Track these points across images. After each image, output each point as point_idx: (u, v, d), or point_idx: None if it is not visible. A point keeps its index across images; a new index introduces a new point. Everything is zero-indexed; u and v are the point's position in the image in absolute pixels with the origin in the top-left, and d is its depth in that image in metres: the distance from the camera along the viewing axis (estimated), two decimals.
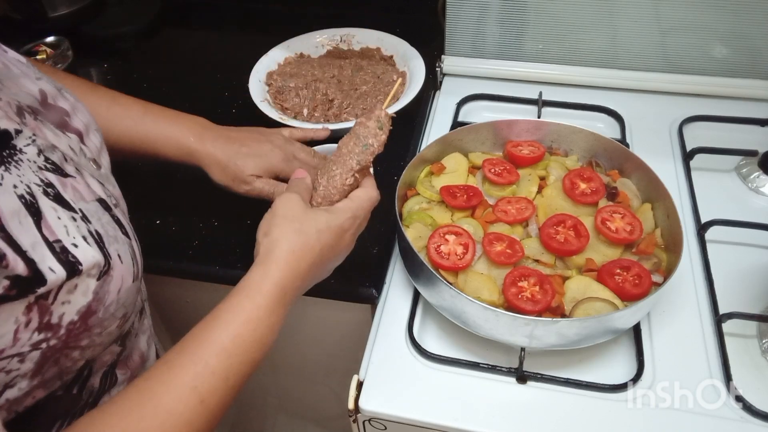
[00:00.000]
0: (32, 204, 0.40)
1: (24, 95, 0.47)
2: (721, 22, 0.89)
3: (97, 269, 0.42)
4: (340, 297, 0.73)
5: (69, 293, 0.41)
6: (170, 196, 0.85)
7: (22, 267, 0.37)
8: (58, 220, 0.41)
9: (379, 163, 0.81)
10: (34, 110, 0.47)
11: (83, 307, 0.42)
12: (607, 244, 0.67)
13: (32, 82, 0.49)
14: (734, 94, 0.94)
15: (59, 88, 0.52)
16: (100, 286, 0.43)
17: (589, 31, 0.94)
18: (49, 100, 0.50)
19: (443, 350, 0.66)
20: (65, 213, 0.43)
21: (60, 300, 0.40)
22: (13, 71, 0.48)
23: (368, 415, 0.62)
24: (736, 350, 0.65)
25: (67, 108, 0.51)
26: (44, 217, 0.41)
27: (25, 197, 0.40)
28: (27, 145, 0.43)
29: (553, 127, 0.79)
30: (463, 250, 0.65)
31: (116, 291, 0.45)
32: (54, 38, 1.08)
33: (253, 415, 1.15)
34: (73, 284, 0.41)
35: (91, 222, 0.44)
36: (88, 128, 0.53)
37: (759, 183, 0.82)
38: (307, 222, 0.55)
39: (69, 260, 0.40)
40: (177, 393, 0.44)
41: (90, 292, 0.42)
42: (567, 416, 0.60)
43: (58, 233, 0.41)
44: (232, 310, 0.50)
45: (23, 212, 0.39)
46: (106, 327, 0.46)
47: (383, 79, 0.95)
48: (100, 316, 0.44)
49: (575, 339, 0.60)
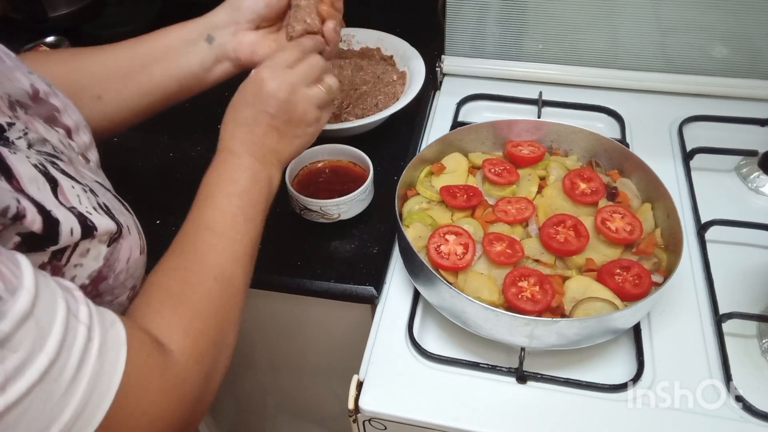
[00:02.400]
0: (47, 172, 0.41)
1: (16, 89, 0.48)
2: (721, 22, 0.89)
3: (108, 236, 0.44)
4: (340, 297, 0.73)
5: (81, 256, 0.42)
6: (170, 196, 0.84)
7: (38, 226, 0.37)
8: (72, 189, 0.43)
9: (379, 163, 0.82)
10: (24, 105, 0.48)
11: (94, 272, 0.43)
12: (607, 244, 0.67)
13: (24, 75, 0.50)
14: (734, 94, 0.94)
15: (50, 85, 0.53)
16: (110, 252, 0.44)
17: (588, 31, 0.94)
18: (41, 96, 0.50)
19: (443, 350, 0.66)
20: (76, 184, 0.44)
21: (72, 262, 0.41)
22: (7, 64, 0.49)
23: (368, 415, 0.62)
24: (736, 350, 0.65)
25: (58, 105, 0.52)
26: (60, 184, 0.42)
27: (38, 166, 0.41)
28: (19, 138, 0.43)
29: (553, 127, 0.79)
30: (463, 250, 0.65)
31: (125, 260, 0.46)
32: (54, 38, 1.08)
33: (253, 415, 1.15)
34: (85, 248, 0.42)
35: (98, 195, 0.46)
36: (78, 126, 0.53)
37: (759, 183, 0.82)
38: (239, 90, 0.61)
39: (87, 224, 0.41)
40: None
41: (101, 258, 0.43)
42: (567, 416, 0.60)
43: (73, 201, 0.42)
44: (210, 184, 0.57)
45: (41, 179, 0.40)
46: (117, 296, 0.47)
47: (383, 79, 0.95)
48: (111, 283, 0.45)
49: (575, 339, 0.60)
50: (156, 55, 0.65)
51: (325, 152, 0.81)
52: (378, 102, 0.91)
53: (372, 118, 0.85)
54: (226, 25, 0.66)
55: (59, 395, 0.34)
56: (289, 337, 0.90)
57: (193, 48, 0.65)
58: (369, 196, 0.78)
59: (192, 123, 0.94)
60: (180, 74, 0.66)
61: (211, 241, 0.53)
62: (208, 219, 0.54)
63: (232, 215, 0.54)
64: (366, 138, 0.87)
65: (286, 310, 0.84)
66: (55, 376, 0.33)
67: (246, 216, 0.55)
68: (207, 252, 0.52)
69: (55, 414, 0.34)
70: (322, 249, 0.77)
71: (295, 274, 0.74)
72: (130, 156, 0.91)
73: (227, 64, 0.67)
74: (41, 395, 0.33)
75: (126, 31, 1.17)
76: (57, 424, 0.34)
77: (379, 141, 0.89)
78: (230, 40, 0.66)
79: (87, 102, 0.61)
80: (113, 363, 0.38)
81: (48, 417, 0.33)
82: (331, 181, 0.79)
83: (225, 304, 0.51)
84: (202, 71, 0.66)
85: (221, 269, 0.52)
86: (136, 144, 0.93)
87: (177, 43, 0.65)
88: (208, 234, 0.53)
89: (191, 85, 0.67)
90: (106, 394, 0.37)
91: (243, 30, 0.66)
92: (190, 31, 0.66)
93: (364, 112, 0.89)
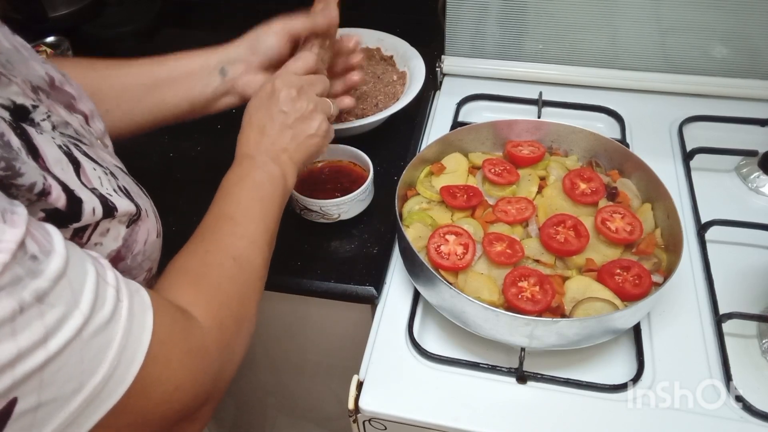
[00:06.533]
0: (70, 153, 0.43)
1: (35, 76, 0.49)
2: (721, 22, 0.89)
3: (128, 217, 0.45)
4: (340, 297, 0.73)
5: (101, 236, 0.43)
6: (170, 196, 0.84)
7: (63, 203, 0.38)
8: (94, 171, 0.44)
9: (380, 163, 0.82)
10: (44, 90, 0.49)
11: (113, 251, 0.44)
12: (607, 244, 0.67)
13: (40, 65, 0.51)
14: (734, 94, 0.94)
15: (64, 74, 0.54)
16: (128, 234, 0.46)
17: (589, 31, 0.94)
18: (57, 84, 0.51)
19: (443, 350, 0.66)
20: (98, 167, 0.45)
21: (93, 241, 0.42)
22: (23, 54, 0.50)
23: (368, 415, 0.62)
24: (736, 350, 0.65)
25: (73, 93, 0.53)
26: (82, 166, 0.43)
27: (62, 147, 0.42)
28: (43, 119, 0.44)
29: (553, 127, 0.79)
30: (463, 250, 0.65)
31: (143, 242, 0.48)
32: (54, 38, 1.08)
33: (253, 415, 1.15)
34: (105, 227, 0.43)
35: (118, 178, 0.47)
36: (93, 113, 0.55)
37: (759, 183, 0.82)
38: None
39: (108, 205, 0.43)
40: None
41: (120, 238, 0.45)
42: (567, 416, 0.60)
43: (95, 183, 0.43)
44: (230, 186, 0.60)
45: (65, 160, 0.41)
46: (134, 277, 0.48)
47: (383, 79, 0.95)
48: (129, 263, 0.47)
49: (575, 339, 0.60)
50: (175, 76, 0.69)
51: (326, 152, 0.81)
52: (378, 102, 0.91)
53: (372, 118, 0.85)
54: (240, 61, 0.70)
55: (93, 353, 0.34)
56: (289, 337, 0.90)
57: (208, 77, 0.70)
58: (369, 196, 0.78)
59: (192, 123, 0.93)
60: (193, 98, 0.70)
61: (230, 228, 0.55)
62: (226, 210, 0.57)
63: (250, 206, 0.57)
64: (366, 138, 0.87)
65: (286, 310, 0.84)
66: (89, 333, 0.34)
67: (263, 207, 0.58)
68: (226, 237, 0.55)
69: (88, 374, 0.34)
70: (322, 249, 0.77)
71: (295, 274, 0.74)
72: (130, 156, 0.91)
73: (233, 98, 0.72)
74: (76, 352, 0.33)
75: (126, 31, 1.17)
76: (90, 384, 0.34)
77: (379, 141, 0.89)
78: (241, 77, 0.70)
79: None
80: (141, 325, 0.39)
81: (82, 375, 0.34)
82: (331, 181, 0.79)
83: (244, 283, 0.53)
84: (213, 99, 0.71)
85: (240, 251, 0.54)
86: (136, 144, 0.93)
87: (197, 69, 0.70)
88: (227, 222, 0.56)
89: (199, 110, 0.72)
90: (135, 354, 0.37)
91: (254, 69, 0.70)
92: (210, 59, 0.70)
93: (364, 112, 0.89)
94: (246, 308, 0.53)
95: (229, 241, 0.54)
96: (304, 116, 0.64)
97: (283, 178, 0.62)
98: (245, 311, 0.53)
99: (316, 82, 0.66)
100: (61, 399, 0.33)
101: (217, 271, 0.52)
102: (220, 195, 0.59)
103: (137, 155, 0.92)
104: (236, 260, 0.53)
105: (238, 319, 0.51)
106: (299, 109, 0.63)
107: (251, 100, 0.65)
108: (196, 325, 0.46)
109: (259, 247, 0.56)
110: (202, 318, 0.47)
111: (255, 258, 0.55)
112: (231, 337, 0.49)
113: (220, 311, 0.49)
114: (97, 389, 0.35)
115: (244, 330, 0.52)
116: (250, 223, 0.56)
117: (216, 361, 0.47)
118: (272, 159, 0.61)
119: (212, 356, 0.46)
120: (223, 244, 0.54)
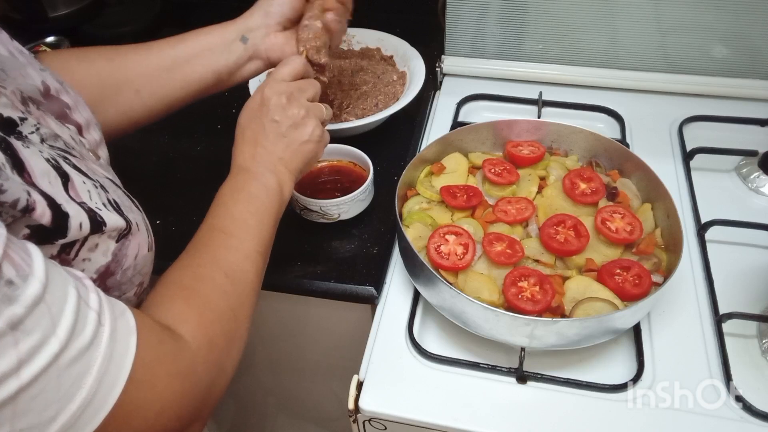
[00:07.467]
0: (59, 167, 0.42)
1: (28, 86, 0.48)
2: (721, 22, 0.89)
3: (117, 232, 0.45)
4: (340, 297, 0.73)
5: (90, 251, 0.43)
6: (170, 196, 0.85)
7: (47, 219, 0.38)
8: (83, 184, 0.44)
9: (380, 163, 0.82)
10: (36, 101, 0.49)
11: (102, 267, 0.44)
12: (607, 244, 0.67)
13: (37, 72, 0.51)
14: (734, 94, 0.94)
15: (61, 82, 0.53)
16: (118, 248, 0.45)
17: (589, 31, 0.94)
18: (52, 92, 0.51)
19: (443, 350, 0.66)
20: (87, 180, 0.45)
21: (81, 257, 0.42)
22: (20, 60, 0.49)
23: (368, 415, 0.62)
24: (736, 350, 0.65)
25: (69, 102, 0.53)
26: (71, 179, 0.43)
27: (50, 161, 0.42)
28: (31, 132, 0.44)
29: (553, 127, 0.79)
30: (463, 250, 0.65)
31: (133, 256, 0.47)
32: (54, 38, 1.08)
33: (253, 415, 1.15)
34: (94, 243, 0.43)
35: (109, 192, 0.47)
36: (89, 123, 0.55)
37: (759, 183, 0.82)
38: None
39: (96, 219, 0.42)
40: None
41: (109, 253, 0.44)
42: (567, 416, 0.60)
43: (83, 196, 0.43)
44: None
45: (53, 174, 0.41)
46: (124, 291, 0.47)
47: (383, 79, 0.95)
48: (118, 279, 0.46)
49: (575, 339, 0.60)
50: (198, 51, 0.70)
51: (325, 152, 0.80)
52: (378, 102, 0.91)
53: (372, 118, 0.85)
54: (259, 27, 0.71)
55: (70, 381, 0.34)
56: (289, 337, 0.90)
57: (230, 47, 0.70)
58: (369, 196, 0.78)
59: (192, 123, 0.94)
60: (218, 70, 0.71)
61: (223, 241, 0.54)
62: (220, 222, 0.56)
63: (244, 219, 0.57)
64: (366, 138, 0.87)
65: (286, 310, 0.84)
66: (66, 360, 0.34)
67: (258, 220, 0.57)
68: (218, 251, 0.54)
69: (65, 400, 0.34)
70: (322, 249, 0.77)
71: (295, 274, 0.74)
72: (130, 156, 0.91)
73: (258, 62, 0.73)
74: (52, 380, 0.33)
75: (126, 31, 1.17)
76: (67, 410, 0.34)
77: (379, 141, 0.89)
78: (262, 42, 0.71)
79: (127, 95, 0.67)
80: (123, 350, 0.38)
81: (59, 402, 0.34)
82: (331, 181, 0.79)
83: (236, 298, 0.52)
84: (237, 68, 0.72)
85: (232, 266, 0.53)
86: (136, 144, 0.93)
87: (218, 41, 0.70)
88: (220, 235, 0.55)
89: (226, 81, 0.72)
90: (116, 380, 0.37)
91: (273, 32, 0.71)
92: (229, 32, 0.71)
93: (364, 112, 0.89)
94: (238, 323, 0.52)
95: (221, 255, 0.54)
96: (297, 123, 0.63)
97: (280, 189, 0.61)
98: (237, 327, 0.52)
99: (307, 87, 0.65)
100: (38, 427, 0.33)
101: (209, 286, 0.51)
102: (215, 207, 0.58)
103: (137, 155, 0.93)
104: (228, 275, 0.52)
105: (229, 336, 0.50)
106: (291, 117, 0.62)
107: (241, 112, 0.64)
108: (185, 345, 0.45)
109: (253, 260, 0.55)
110: (191, 335, 0.46)
111: (248, 271, 0.54)
112: (221, 355, 0.49)
113: (210, 328, 0.48)
114: (75, 415, 0.34)
115: (235, 346, 0.51)
116: (245, 236, 0.56)
117: (204, 382, 0.46)
118: (269, 170, 0.61)
119: (200, 377, 0.45)
120: (216, 258, 0.53)
